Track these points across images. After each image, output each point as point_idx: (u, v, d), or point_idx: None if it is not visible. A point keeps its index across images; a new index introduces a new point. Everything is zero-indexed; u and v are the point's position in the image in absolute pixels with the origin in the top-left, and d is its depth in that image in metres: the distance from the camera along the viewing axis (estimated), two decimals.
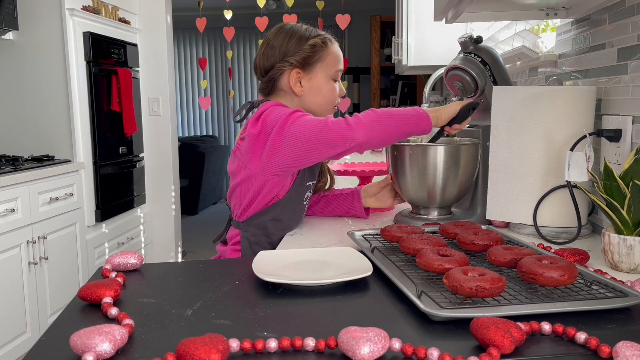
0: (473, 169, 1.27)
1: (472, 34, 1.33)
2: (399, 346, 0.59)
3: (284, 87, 1.28)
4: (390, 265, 0.89)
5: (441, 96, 3.69)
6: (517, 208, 1.19)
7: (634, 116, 1.07)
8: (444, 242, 0.94)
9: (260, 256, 0.94)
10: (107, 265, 0.90)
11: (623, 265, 0.92)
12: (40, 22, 3.04)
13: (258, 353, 0.60)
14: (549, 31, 1.64)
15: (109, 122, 3.36)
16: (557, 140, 1.14)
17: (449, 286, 0.73)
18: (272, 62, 1.27)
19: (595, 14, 1.24)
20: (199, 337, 0.58)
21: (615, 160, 1.11)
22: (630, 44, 1.09)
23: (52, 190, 2.79)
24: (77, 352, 0.58)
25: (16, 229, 2.50)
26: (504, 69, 1.32)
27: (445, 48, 2.93)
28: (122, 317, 0.67)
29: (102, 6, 3.37)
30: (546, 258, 0.79)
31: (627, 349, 0.56)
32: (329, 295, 0.79)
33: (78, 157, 3.13)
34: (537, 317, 0.66)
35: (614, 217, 0.93)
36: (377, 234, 1.11)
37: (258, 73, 1.32)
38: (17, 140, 3.14)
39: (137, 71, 3.74)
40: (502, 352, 0.58)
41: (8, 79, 3.12)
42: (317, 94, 1.29)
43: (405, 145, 1.26)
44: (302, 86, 1.28)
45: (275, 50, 1.26)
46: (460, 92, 1.33)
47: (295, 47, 1.26)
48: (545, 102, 1.14)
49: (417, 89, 5.72)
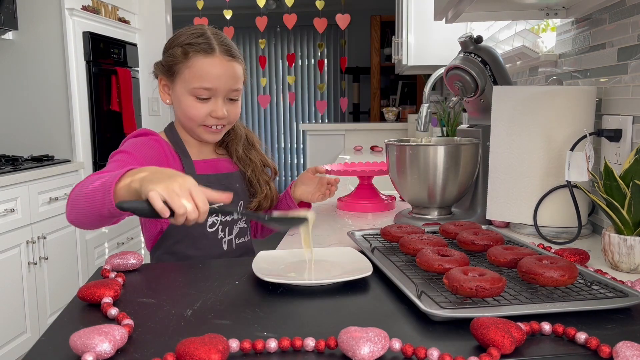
0: (473, 169, 1.27)
1: (472, 33, 1.33)
2: (399, 346, 0.59)
3: None
4: (390, 265, 0.89)
5: (441, 96, 3.69)
6: (517, 208, 1.19)
7: (634, 116, 1.07)
8: (444, 242, 0.94)
9: (260, 256, 0.94)
10: (107, 266, 0.90)
11: (623, 265, 0.92)
12: (40, 22, 3.04)
13: (258, 353, 0.60)
14: (549, 31, 1.64)
15: (108, 122, 3.36)
16: (557, 140, 1.14)
17: (449, 286, 0.73)
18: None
19: (596, 14, 1.24)
20: (199, 337, 0.58)
21: (615, 160, 1.11)
22: (630, 43, 1.09)
23: (51, 190, 2.79)
24: (76, 352, 0.58)
25: (16, 229, 2.50)
26: (504, 69, 1.32)
27: (445, 48, 2.92)
28: (122, 317, 0.67)
29: (102, 6, 3.37)
30: (546, 258, 0.79)
31: (627, 349, 0.56)
32: (329, 295, 0.79)
33: (78, 157, 3.13)
34: (537, 317, 0.66)
35: (614, 217, 0.93)
36: (377, 234, 1.11)
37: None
38: (16, 140, 3.14)
39: (137, 71, 3.74)
40: (502, 352, 0.57)
41: (8, 78, 3.12)
42: (178, 107, 1.18)
43: (406, 145, 1.26)
44: (170, 95, 1.19)
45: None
46: (460, 92, 1.33)
47: (163, 52, 1.19)
48: (546, 102, 1.14)
49: (417, 89, 5.72)
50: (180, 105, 1.16)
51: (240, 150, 1.26)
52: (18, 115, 3.13)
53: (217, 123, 1.16)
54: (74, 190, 0.93)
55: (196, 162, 1.20)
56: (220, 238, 1.21)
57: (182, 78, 1.14)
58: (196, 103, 1.14)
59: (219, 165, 1.24)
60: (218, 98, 1.14)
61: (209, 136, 1.18)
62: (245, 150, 1.27)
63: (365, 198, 1.53)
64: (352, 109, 6.40)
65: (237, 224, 1.24)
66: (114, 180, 0.84)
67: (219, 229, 1.20)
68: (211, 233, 1.19)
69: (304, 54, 6.74)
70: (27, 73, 3.09)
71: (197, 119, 1.15)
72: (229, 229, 1.22)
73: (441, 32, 2.95)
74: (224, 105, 1.15)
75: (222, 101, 1.15)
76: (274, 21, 5.42)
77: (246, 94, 7.06)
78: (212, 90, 1.13)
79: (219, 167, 1.23)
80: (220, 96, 1.14)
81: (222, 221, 1.20)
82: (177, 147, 1.20)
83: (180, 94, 1.15)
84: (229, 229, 1.22)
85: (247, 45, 6.80)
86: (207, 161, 1.22)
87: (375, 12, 6.06)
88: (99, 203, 0.86)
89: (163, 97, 1.20)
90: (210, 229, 1.19)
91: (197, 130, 1.18)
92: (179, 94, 1.15)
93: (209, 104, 1.14)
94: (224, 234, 1.21)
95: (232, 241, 1.23)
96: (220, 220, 1.20)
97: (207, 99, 1.14)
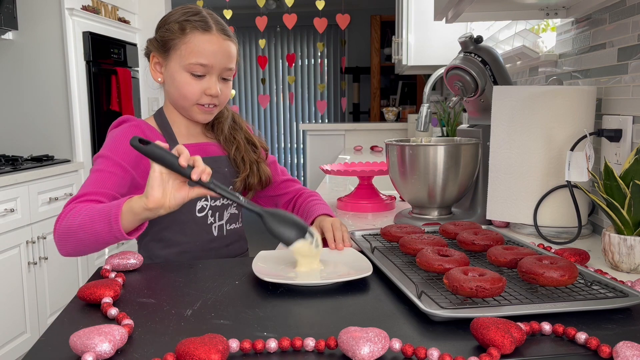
0: (473, 169, 1.27)
1: (472, 33, 1.33)
2: (399, 346, 0.59)
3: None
4: (390, 265, 0.89)
5: (441, 96, 3.69)
6: (517, 208, 1.19)
7: (634, 116, 1.07)
8: (444, 242, 0.94)
9: (260, 256, 0.94)
10: (107, 266, 0.90)
11: (623, 265, 0.92)
12: (40, 22, 3.04)
13: (258, 353, 0.60)
14: (549, 31, 1.64)
15: (108, 122, 3.33)
16: (557, 140, 1.14)
17: (449, 286, 0.73)
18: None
19: (596, 14, 1.24)
20: (199, 337, 0.58)
21: (615, 160, 1.11)
22: (630, 43, 1.09)
23: (51, 190, 2.79)
24: (76, 352, 0.58)
25: (16, 229, 2.50)
26: (504, 69, 1.32)
27: (445, 48, 2.93)
28: (122, 317, 0.67)
29: (102, 6, 3.37)
30: (546, 258, 0.79)
31: (627, 349, 0.56)
32: (329, 295, 0.79)
33: (77, 157, 3.13)
34: (537, 317, 0.66)
35: (615, 217, 0.93)
36: (377, 234, 1.11)
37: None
38: (16, 140, 3.14)
39: (137, 71, 3.74)
40: (502, 352, 0.57)
41: (8, 78, 3.12)
42: (172, 85, 1.16)
43: (406, 145, 1.26)
44: (162, 73, 1.18)
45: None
46: (460, 92, 1.33)
47: (158, 29, 1.17)
48: (546, 102, 1.14)
49: (417, 89, 5.72)
50: (174, 83, 1.15)
51: (225, 129, 1.25)
52: (18, 115, 3.13)
53: (211, 102, 1.16)
54: (61, 226, 0.97)
55: (184, 145, 1.18)
56: (210, 223, 1.18)
57: (178, 53, 1.13)
58: (191, 80, 1.13)
59: (207, 148, 1.22)
60: (213, 75, 1.14)
61: (201, 116, 1.18)
62: (231, 130, 1.26)
63: (365, 198, 1.53)
64: (352, 109, 6.40)
65: (228, 209, 1.21)
66: (117, 212, 0.91)
67: (209, 213, 1.18)
68: (200, 218, 1.17)
69: (304, 54, 6.75)
70: (27, 73, 3.09)
71: (191, 96, 1.14)
72: (219, 214, 1.19)
73: (441, 32, 2.95)
74: (217, 84, 1.15)
75: (217, 79, 1.15)
76: (274, 21, 5.43)
77: (246, 94, 7.06)
78: (208, 67, 1.13)
79: (207, 151, 1.21)
80: (215, 74, 1.14)
81: (211, 206, 1.18)
82: (165, 131, 1.19)
83: (174, 71, 1.14)
84: (219, 214, 1.19)
85: (247, 45, 6.80)
86: (195, 145, 1.20)
87: (375, 12, 6.07)
88: (106, 233, 0.92)
89: (155, 76, 1.19)
90: (200, 214, 1.16)
91: (191, 110, 1.17)
92: (173, 71, 1.14)
93: (204, 81, 1.14)
94: (214, 219, 1.18)
95: (222, 227, 1.20)
96: (210, 205, 1.18)
97: (202, 77, 1.13)
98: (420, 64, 3.10)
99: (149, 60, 1.19)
